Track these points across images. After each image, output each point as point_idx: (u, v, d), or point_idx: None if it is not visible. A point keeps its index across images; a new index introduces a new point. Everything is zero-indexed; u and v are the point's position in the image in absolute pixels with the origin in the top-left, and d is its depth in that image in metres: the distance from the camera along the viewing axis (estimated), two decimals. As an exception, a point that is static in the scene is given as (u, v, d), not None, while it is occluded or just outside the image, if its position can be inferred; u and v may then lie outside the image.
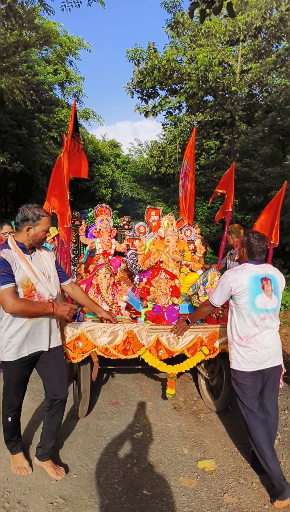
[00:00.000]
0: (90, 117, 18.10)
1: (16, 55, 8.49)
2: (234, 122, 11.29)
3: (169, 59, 10.31)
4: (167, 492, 2.44)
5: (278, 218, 3.43)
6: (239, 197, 11.63)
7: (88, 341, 2.80)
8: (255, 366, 2.47)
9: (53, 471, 2.49)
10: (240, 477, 2.62)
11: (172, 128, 13.66)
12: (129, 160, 24.44)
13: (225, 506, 2.35)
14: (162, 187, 18.74)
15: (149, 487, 2.48)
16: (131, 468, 2.65)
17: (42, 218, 2.23)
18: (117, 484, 2.49)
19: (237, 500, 2.40)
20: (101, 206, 4.63)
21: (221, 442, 3.00)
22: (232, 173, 3.80)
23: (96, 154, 21.36)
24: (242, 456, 2.84)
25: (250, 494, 2.46)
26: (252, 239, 2.53)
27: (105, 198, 22.69)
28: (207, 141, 13.28)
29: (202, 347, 2.98)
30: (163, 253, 3.78)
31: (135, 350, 2.86)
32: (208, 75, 9.56)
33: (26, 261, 2.22)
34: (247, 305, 2.44)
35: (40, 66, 13.35)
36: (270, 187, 10.50)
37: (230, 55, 10.87)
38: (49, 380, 2.43)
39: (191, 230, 4.63)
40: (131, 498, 2.38)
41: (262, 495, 2.45)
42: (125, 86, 12.33)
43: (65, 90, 16.52)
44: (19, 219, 2.21)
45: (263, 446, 2.39)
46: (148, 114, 12.70)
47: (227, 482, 2.56)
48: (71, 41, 15.63)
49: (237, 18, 10.38)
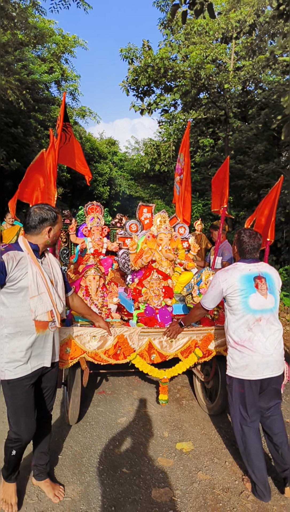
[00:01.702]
0: (86, 115, 18.18)
1: (9, 54, 8.60)
2: (228, 119, 11.40)
3: (162, 57, 10.42)
4: (145, 470, 2.61)
5: (274, 214, 3.38)
6: (233, 194, 11.76)
7: (76, 346, 2.65)
8: (250, 374, 2.28)
9: (51, 491, 2.33)
10: (214, 457, 2.79)
11: (167, 125, 13.78)
12: (126, 158, 24.55)
13: (198, 482, 2.52)
14: (159, 185, 18.88)
15: (128, 466, 2.66)
16: (113, 449, 2.83)
17: (58, 216, 2.16)
18: (99, 464, 2.66)
19: (210, 477, 2.57)
20: (92, 203, 4.48)
21: (200, 426, 3.17)
22: (226, 167, 3.77)
23: (94, 152, 21.44)
24: (218, 439, 3.01)
25: (223, 471, 2.63)
26: (242, 236, 2.39)
27: (103, 196, 22.81)
28: (202, 138, 13.40)
29: (195, 350, 2.85)
30: (155, 252, 3.67)
31: (126, 354, 2.72)
32: (201, 72, 9.67)
33: (38, 266, 2.05)
34: (240, 306, 2.28)
35: (36, 64, 13.44)
36: (263, 184, 10.64)
37: (223, 53, 10.96)
38: (38, 396, 2.23)
39: (185, 228, 4.49)
40: (111, 476, 2.55)
41: (233, 472, 2.62)
42: (120, 84, 12.43)
43: (61, 88, 16.59)
44: (36, 221, 2.05)
45: (253, 457, 2.31)
46: (143, 112, 12.82)
47: (202, 461, 2.73)
48: (66, 39, 15.69)
49: (229, 16, 10.48)
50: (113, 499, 2.34)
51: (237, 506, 2.31)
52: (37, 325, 2.03)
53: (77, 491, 2.40)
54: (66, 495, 2.36)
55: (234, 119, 12.26)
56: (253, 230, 2.44)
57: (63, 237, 4.52)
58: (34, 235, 2.08)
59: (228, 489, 2.46)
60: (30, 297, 1.99)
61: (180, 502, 2.34)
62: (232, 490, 2.45)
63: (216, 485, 2.49)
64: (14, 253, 1.97)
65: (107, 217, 4.91)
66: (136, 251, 3.80)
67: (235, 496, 2.40)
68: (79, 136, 17.97)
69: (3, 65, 8.71)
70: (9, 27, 7.98)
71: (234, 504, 2.33)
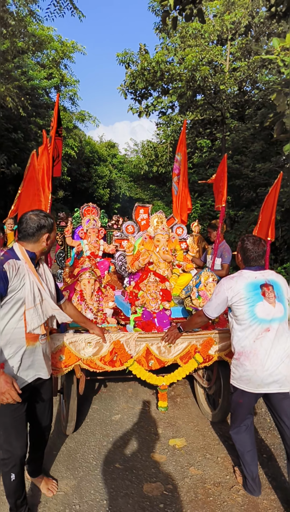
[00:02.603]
0: (86, 119, 18.33)
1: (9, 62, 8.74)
2: (225, 120, 11.46)
3: (158, 61, 10.52)
4: (138, 466, 2.66)
5: (274, 213, 3.33)
6: (231, 194, 11.80)
7: (71, 353, 2.54)
8: (253, 388, 2.17)
9: (44, 486, 2.37)
10: (207, 452, 2.83)
11: (165, 127, 13.87)
12: (125, 160, 24.71)
13: (190, 477, 2.56)
14: (158, 186, 18.96)
15: (121, 461, 2.70)
16: (107, 445, 2.88)
17: (54, 223, 2.09)
18: (93, 459, 2.71)
19: (201, 472, 2.61)
20: (88, 205, 4.46)
21: (193, 423, 3.21)
22: (224, 165, 3.70)
23: (94, 156, 21.63)
24: (211, 435, 3.05)
25: (214, 467, 2.67)
26: (246, 243, 2.29)
27: (103, 198, 23.00)
28: (199, 139, 13.47)
29: (195, 355, 2.75)
30: (153, 254, 3.57)
31: (123, 361, 2.62)
32: (196, 75, 9.75)
33: (36, 276, 1.97)
34: (246, 315, 2.16)
35: (35, 71, 13.61)
36: (260, 183, 10.67)
37: (219, 54, 11.04)
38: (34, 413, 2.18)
39: (183, 228, 4.42)
40: (104, 471, 2.60)
41: (225, 467, 2.66)
42: (118, 88, 12.57)
43: (60, 93, 16.75)
44: (34, 228, 1.97)
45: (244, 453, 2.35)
46: (141, 114, 12.94)
47: (194, 457, 2.77)
48: (65, 45, 15.86)
49: (224, 18, 10.57)
50: (106, 493, 2.39)
51: (227, 500, 2.35)
52: (27, 338, 1.94)
53: (70, 485, 2.45)
54: (60, 489, 2.41)
55: (231, 120, 12.32)
56: (257, 237, 2.35)
57: (59, 240, 4.47)
58: (31, 242, 2.00)
59: (219, 484, 2.50)
60: (27, 309, 1.90)
61: (171, 496, 2.38)
62: (223, 485, 2.49)
63: (207, 480, 2.53)
64: (14, 262, 1.88)
65: (103, 219, 4.87)
66: (133, 253, 3.71)
67: (226, 490, 2.44)
68: (79, 139, 18.12)
69: (3, 72, 8.84)
70: (8, 36, 8.11)
71: (224, 498, 2.37)
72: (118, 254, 3.94)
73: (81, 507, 2.28)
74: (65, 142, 15.55)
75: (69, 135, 15.86)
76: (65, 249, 4.51)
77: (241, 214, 11.02)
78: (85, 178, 21.49)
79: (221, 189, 3.71)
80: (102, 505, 2.30)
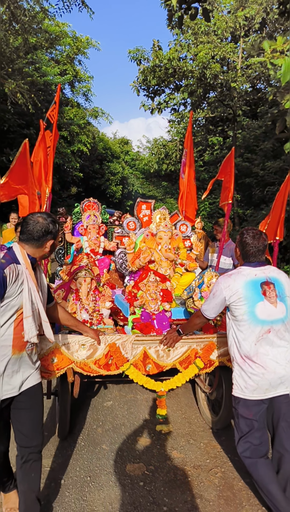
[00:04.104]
0: (99, 115, 18.48)
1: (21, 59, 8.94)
2: (236, 118, 11.44)
3: (170, 58, 10.57)
4: (123, 448, 2.79)
5: (284, 211, 3.22)
6: (240, 192, 11.78)
7: (64, 355, 2.42)
8: (261, 393, 2.03)
9: None
10: (191, 438, 2.94)
11: (177, 124, 13.91)
12: (138, 157, 24.82)
13: (172, 459, 2.68)
14: (170, 183, 19.02)
15: (108, 443, 2.84)
16: (96, 429, 3.02)
17: (59, 230, 2.02)
18: (81, 440, 2.86)
19: (183, 455, 2.73)
20: (88, 200, 4.31)
21: (181, 411, 3.33)
22: (231, 159, 3.54)
23: (107, 152, 21.78)
24: (197, 423, 3.16)
25: (196, 451, 2.78)
26: (245, 237, 2.15)
27: (116, 195, 23.17)
28: (211, 136, 13.47)
29: (195, 360, 2.60)
30: (154, 252, 3.38)
31: (119, 365, 2.49)
32: (206, 72, 9.77)
33: (35, 283, 1.89)
34: (246, 316, 2.03)
35: (49, 66, 13.82)
36: (270, 182, 10.63)
37: (232, 51, 11.01)
38: (18, 429, 1.97)
39: (187, 225, 4.15)
40: (91, 451, 2.74)
41: (206, 452, 2.77)
42: (131, 85, 12.67)
43: (74, 89, 16.94)
44: (40, 232, 1.88)
45: (270, 487, 2.01)
46: (153, 111, 13.02)
47: (178, 442, 2.89)
48: (79, 41, 16.02)
49: (237, 15, 10.53)
50: (90, 471, 2.53)
51: (205, 481, 2.46)
52: (14, 346, 1.83)
53: (57, 462, 2.60)
54: (47, 465, 2.56)
55: (242, 117, 12.27)
56: (257, 230, 2.20)
57: (59, 236, 4.25)
58: (34, 247, 1.90)
59: (198, 467, 2.61)
60: (25, 317, 1.82)
61: (151, 476, 2.50)
62: (202, 468, 2.60)
63: (188, 463, 2.65)
64: (14, 267, 1.79)
65: (104, 214, 4.56)
66: (134, 250, 3.52)
67: (205, 472, 2.55)
68: (92, 136, 18.31)
69: (15, 68, 9.04)
70: (20, 32, 8.30)
71: (202, 479, 2.48)
72: (119, 251, 3.76)
73: (66, 482, 2.43)
74: (78, 138, 15.74)
75: (82, 132, 16.05)
76: (65, 245, 4.33)
77: (249, 213, 11.02)
78: (98, 174, 21.69)
79: (228, 184, 3.54)
80: (86, 481, 2.44)
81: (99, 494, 2.34)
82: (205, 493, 2.36)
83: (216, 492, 2.38)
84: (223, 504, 2.28)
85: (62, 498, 2.30)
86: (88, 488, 2.39)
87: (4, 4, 7.17)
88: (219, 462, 2.66)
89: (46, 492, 2.33)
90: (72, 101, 16.74)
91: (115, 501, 2.28)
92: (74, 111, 15.78)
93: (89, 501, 2.28)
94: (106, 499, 2.30)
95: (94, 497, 2.32)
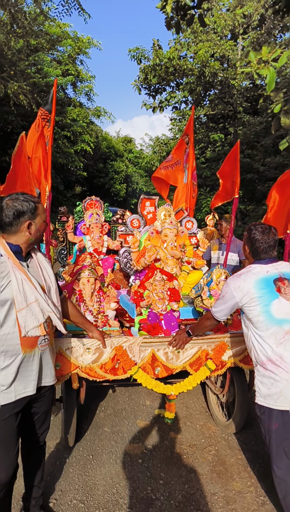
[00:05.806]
0: (101, 114, 18.65)
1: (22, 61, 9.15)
2: (236, 115, 11.54)
3: (170, 57, 10.70)
4: (124, 430, 2.98)
5: None
6: (242, 188, 11.88)
7: (68, 361, 2.33)
8: (285, 403, 1.83)
9: None
10: (188, 421, 3.12)
11: (178, 122, 14.03)
12: (141, 155, 24.95)
13: (169, 440, 2.86)
14: (174, 181, 19.13)
15: (109, 426, 3.03)
16: (98, 413, 3.21)
17: (39, 206, 1.81)
18: (84, 424, 3.05)
19: (180, 436, 2.91)
20: (90, 199, 4.26)
21: (180, 396, 3.50)
22: (236, 153, 3.47)
23: (110, 151, 21.96)
24: (195, 407, 3.34)
25: (192, 432, 2.96)
26: (254, 233, 1.99)
27: (120, 193, 23.36)
28: (212, 133, 13.57)
29: (207, 361, 2.51)
30: (160, 250, 3.27)
31: (126, 368, 2.40)
32: (205, 70, 9.89)
33: (24, 272, 1.74)
34: (261, 317, 1.87)
35: (51, 67, 14.02)
36: (271, 177, 10.73)
37: (231, 49, 11.11)
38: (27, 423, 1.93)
39: (193, 222, 4.00)
40: (93, 433, 2.93)
41: (202, 433, 2.95)
42: (132, 83, 12.81)
43: (76, 89, 17.13)
44: (10, 216, 1.72)
45: None
46: (155, 109, 13.15)
47: (176, 424, 3.07)
48: (81, 41, 16.19)
49: (235, 12, 10.63)
50: (93, 451, 2.72)
51: (199, 458, 2.64)
52: (23, 344, 1.72)
53: (62, 444, 2.79)
54: (53, 446, 2.75)
55: (243, 114, 12.36)
56: (266, 225, 2.03)
57: (61, 236, 4.17)
58: (12, 234, 1.75)
59: (194, 445, 2.79)
60: (18, 310, 1.69)
61: (149, 454, 2.69)
62: (197, 446, 2.78)
63: (184, 442, 2.83)
64: None
65: (107, 213, 4.48)
66: (139, 249, 3.39)
67: (199, 451, 2.73)
68: (95, 135, 18.51)
69: (17, 70, 9.24)
70: (21, 34, 8.50)
71: (196, 457, 2.66)
72: (123, 250, 3.62)
73: (70, 460, 2.62)
74: (81, 138, 15.93)
75: (85, 131, 16.24)
76: (67, 245, 4.22)
77: (251, 209, 11.12)
78: (102, 173, 21.90)
79: (235, 178, 3.47)
80: (88, 459, 2.63)
81: (100, 470, 2.53)
82: (199, 469, 2.54)
83: (209, 467, 2.55)
84: (215, 477, 2.46)
85: (66, 474, 2.49)
86: (91, 465, 2.58)
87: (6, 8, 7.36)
88: (213, 441, 2.83)
89: (52, 469, 2.52)
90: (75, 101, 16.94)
91: (115, 476, 2.47)
92: (76, 111, 15.98)
93: (91, 476, 2.47)
94: (107, 474, 2.49)
95: (96, 472, 2.51)
